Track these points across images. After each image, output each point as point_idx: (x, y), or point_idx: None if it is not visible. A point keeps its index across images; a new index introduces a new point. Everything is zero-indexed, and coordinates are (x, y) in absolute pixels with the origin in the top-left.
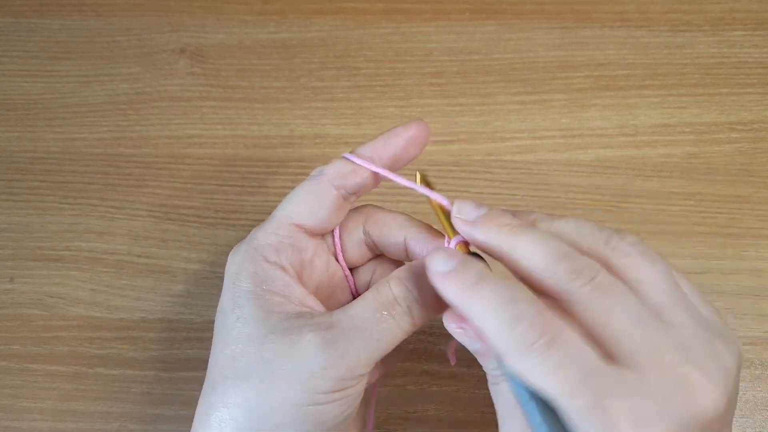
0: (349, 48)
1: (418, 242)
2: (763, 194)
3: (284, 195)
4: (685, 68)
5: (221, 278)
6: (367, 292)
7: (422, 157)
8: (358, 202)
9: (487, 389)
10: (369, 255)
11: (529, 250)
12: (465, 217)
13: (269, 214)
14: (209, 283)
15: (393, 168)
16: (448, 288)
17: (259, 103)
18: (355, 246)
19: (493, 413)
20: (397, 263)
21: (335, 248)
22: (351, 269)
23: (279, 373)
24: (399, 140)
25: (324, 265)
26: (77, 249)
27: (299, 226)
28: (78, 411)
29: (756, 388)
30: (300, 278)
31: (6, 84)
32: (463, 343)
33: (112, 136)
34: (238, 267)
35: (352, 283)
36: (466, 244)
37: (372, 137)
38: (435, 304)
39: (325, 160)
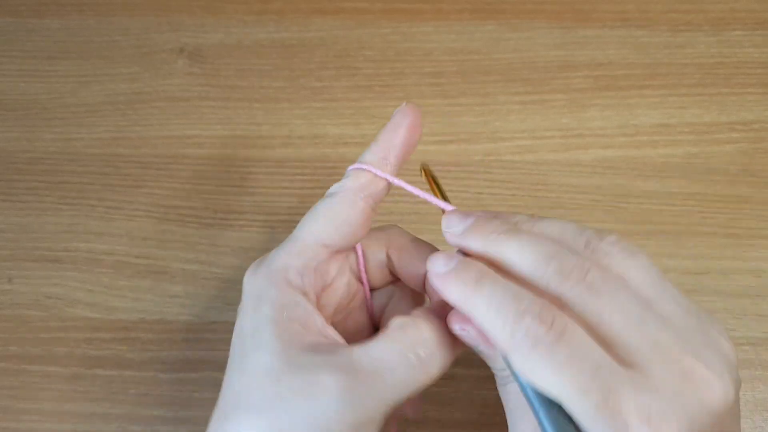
0: (349, 48)
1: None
2: (763, 194)
3: (283, 195)
4: (685, 68)
5: (220, 279)
6: (389, 330)
7: (421, 157)
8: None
9: (486, 390)
10: (389, 278)
11: (517, 254)
12: (453, 231)
13: (268, 214)
14: (208, 284)
15: (404, 158)
16: (449, 288)
17: (258, 103)
18: (376, 268)
19: (492, 414)
20: (416, 291)
21: (358, 267)
22: (370, 290)
23: (294, 413)
24: (402, 132)
25: (344, 287)
26: (75, 249)
27: (326, 246)
28: (76, 412)
29: (756, 389)
30: (319, 300)
31: (4, 84)
32: (469, 345)
33: (111, 137)
34: (259, 291)
35: (370, 304)
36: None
37: (371, 137)
38: (456, 344)
39: (325, 160)
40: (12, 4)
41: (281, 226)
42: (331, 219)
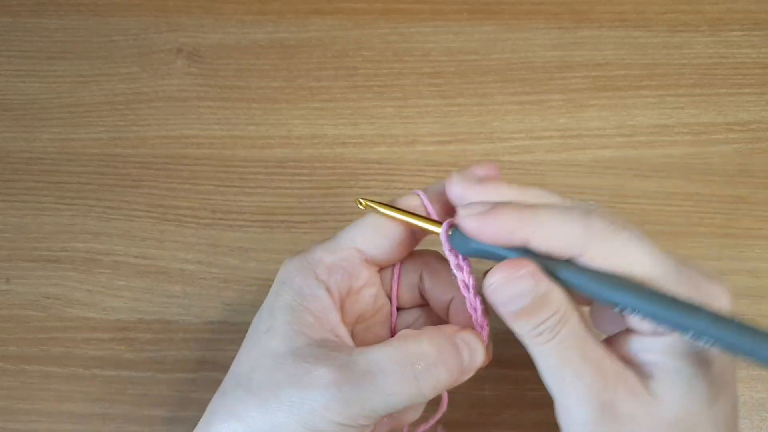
0: (347, 48)
1: (457, 308)
2: (760, 194)
3: (282, 196)
4: (682, 69)
5: (219, 279)
6: (393, 339)
7: (420, 157)
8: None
9: (486, 390)
10: (418, 300)
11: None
12: (473, 211)
13: (266, 214)
14: (206, 284)
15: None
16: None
17: (257, 104)
18: (407, 288)
19: (492, 414)
20: (441, 318)
21: (392, 284)
22: (397, 309)
23: (283, 400)
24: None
25: (371, 298)
26: (74, 249)
27: (360, 253)
28: (74, 412)
29: (753, 389)
30: (343, 305)
31: (3, 84)
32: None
33: (109, 137)
34: (286, 276)
35: (395, 321)
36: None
37: (369, 137)
38: (456, 370)
39: (323, 160)
40: (10, 4)
41: (280, 226)
42: (371, 228)
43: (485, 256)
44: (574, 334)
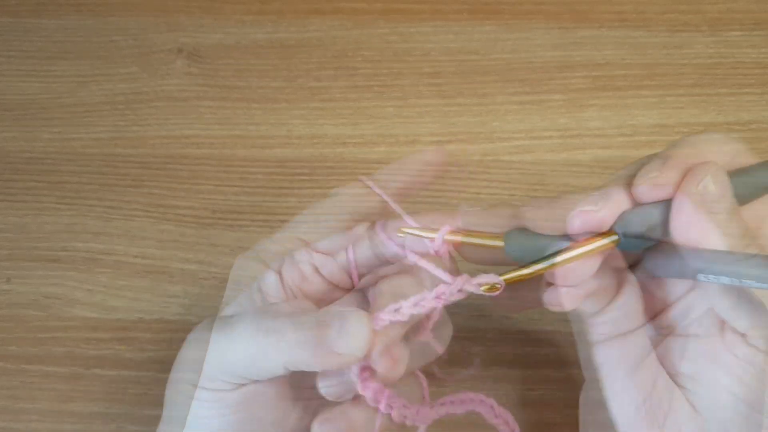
0: (347, 48)
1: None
2: None
3: (282, 195)
4: (683, 68)
5: (219, 278)
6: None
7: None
8: None
9: (485, 390)
10: (376, 262)
11: None
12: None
13: (266, 214)
14: (207, 284)
15: (407, 190)
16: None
17: (257, 103)
18: (363, 259)
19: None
20: None
21: (349, 266)
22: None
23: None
24: (414, 166)
25: (328, 275)
26: (74, 249)
27: (300, 240)
28: (75, 412)
29: None
30: (300, 288)
31: (2, 84)
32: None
33: (109, 136)
34: (240, 269)
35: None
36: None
37: (369, 137)
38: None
39: (323, 160)
40: (10, 4)
41: (280, 226)
42: (314, 220)
43: (544, 258)
44: (636, 334)
